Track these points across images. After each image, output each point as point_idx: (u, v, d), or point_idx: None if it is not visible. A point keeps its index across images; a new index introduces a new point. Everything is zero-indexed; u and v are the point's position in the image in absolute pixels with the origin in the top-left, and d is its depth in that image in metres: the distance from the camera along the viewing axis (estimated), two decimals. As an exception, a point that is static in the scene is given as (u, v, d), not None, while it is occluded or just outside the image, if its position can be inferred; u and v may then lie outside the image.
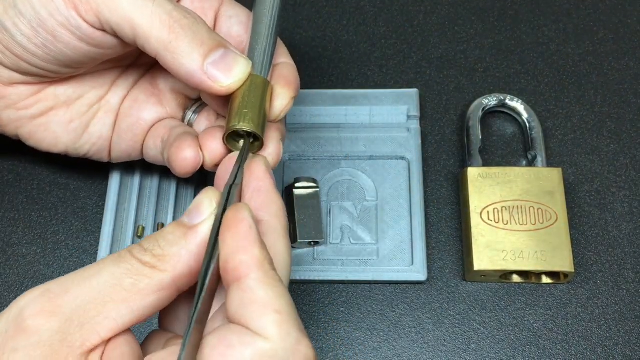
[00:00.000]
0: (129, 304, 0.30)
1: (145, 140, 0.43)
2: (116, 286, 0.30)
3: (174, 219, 0.47)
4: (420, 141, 0.50)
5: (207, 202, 0.32)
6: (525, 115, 0.50)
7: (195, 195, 0.35)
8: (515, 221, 0.46)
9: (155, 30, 0.36)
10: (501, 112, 0.52)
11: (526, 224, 0.45)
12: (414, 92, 0.51)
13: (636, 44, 0.54)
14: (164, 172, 0.49)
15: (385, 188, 0.48)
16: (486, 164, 0.50)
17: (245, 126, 0.36)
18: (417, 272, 0.46)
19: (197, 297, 0.29)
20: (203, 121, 0.43)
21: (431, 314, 0.46)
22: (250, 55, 0.38)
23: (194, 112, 0.44)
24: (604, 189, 0.49)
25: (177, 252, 0.31)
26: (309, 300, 0.46)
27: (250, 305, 0.29)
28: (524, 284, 0.46)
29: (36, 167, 0.50)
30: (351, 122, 0.50)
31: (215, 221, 0.31)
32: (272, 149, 0.38)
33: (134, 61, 0.44)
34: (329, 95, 0.51)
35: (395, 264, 0.46)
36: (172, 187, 0.48)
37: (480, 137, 0.49)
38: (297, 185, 0.47)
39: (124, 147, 0.44)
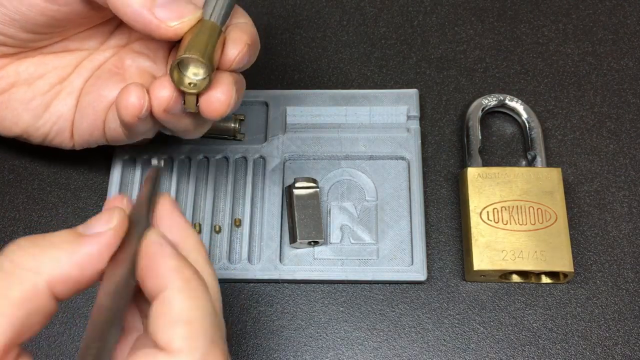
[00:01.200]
0: (4, 316, 0.27)
1: (107, 115, 0.42)
2: None
3: (174, 218, 0.47)
4: (420, 141, 0.50)
5: (108, 216, 0.30)
6: (524, 116, 0.51)
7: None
8: (514, 221, 0.46)
9: None
10: (501, 112, 0.52)
11: (526, 224, 0.46)
12: (413, 92, 0.51)
13: (635, 44, 0.54)
14: (164, 173, 0.49)
15: (385, 188, 0.49)
16: (486, 164, 0.50)
17: (191, 54, 0.35)
18: (417, 272, 0.46)
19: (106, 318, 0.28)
20: None
21: (431, 313, 0.46)
22: (205, 5, 0.38)
23: None
24: (603, 189, 0.49)
25: (56, 256, 0.29)
26: (309, 300, 0.46)
27: (160, 318, 0.28)
28: (523, 284, 0.46)
29: (37, 167, 0.50)
30: (351, 122, 0.51)
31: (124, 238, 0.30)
32: (223, 92, 0.37)
33: (101, 46, 0.44)
34: (328, 95, 0.51)
35: (395, 264, 0.46)
36: (173, 188, 0.48)
37: (480, 137, 0.49)
38: (297, 185, 0.47)
39: (84, 127, 0.43)
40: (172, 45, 0.41)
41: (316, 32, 0.56)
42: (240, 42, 0.38)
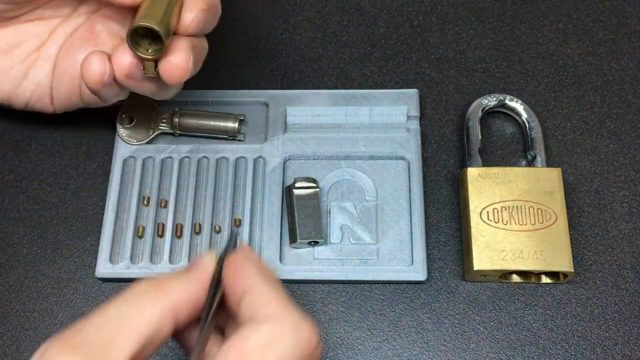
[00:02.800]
0: (138, 330, 0.31)
1: (82, 81, 0.43)
2: (126, 314, 0.31)
3: (174, 219, 0.47)
4: (420, 141, 0.50)
5: (206, 257, 0.34)
6: (524, 116, 0.51)
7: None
8: (514, 221, 0.46)
9: None
10: (501, 112, 0.52)
11: (526, 224, 0.46)
12: (413, 92, 0.51)
13: (635, 44, 0.54)
14: (164, 173, 0.49)
15: (385, 188, 0.49)
16: (486, 164, 0.50)
17: (145, 22, 0.37)
18: (417, 272, 0.46)
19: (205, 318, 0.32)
20: None
21: (431, 313, 0.46)
22: None
23: None
24: (603, 189, 0.49)
25: (178, 285, 0.32)
26: (309, 300, 0.46)
27: (255, 301, 0.31)
28: (523, 284, 0.46)
29: (37, 167, 0.50)
30: (351, 122, 0.51)
31: (217, 265, 0.34)
32: (179, 56, 0.39)
33: (73, 12, 0.45)
34: (328, 95, 0.51)
35: (395, 264, 0.46)
36: (173, 188, 0.48)
37: (480, 137, 0.49)
38: (297, 185, 0.47)
39: (62, 92, 0.45)
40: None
41: (316, 32, 0.56)
42: (195, 7, 0.39)
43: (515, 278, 0.46)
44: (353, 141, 0.50)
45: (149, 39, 0.39)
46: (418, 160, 0.49)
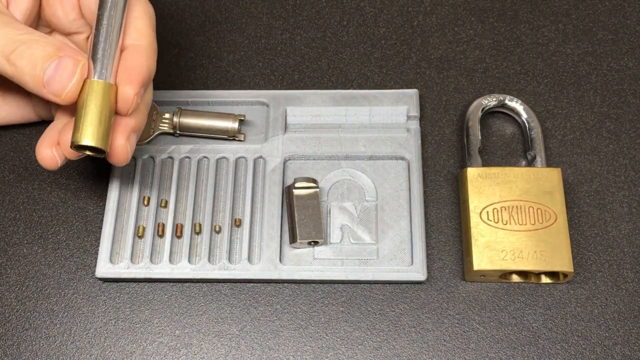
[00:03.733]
0: None
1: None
2: None
3: (174, 219, 0.47)
4: (420, 141, 0.50)
5: None
6: (524, 116, 0.51)
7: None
8: (514, 221, 0.46)
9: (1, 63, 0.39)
10: (500, 112, 0.52)
11: (525, 224, 0.46)
12: (413, 92, 0.51)
13: (635, 44, 0.54)
14: (164, 173, 0.49)
15: (385, 188, 0.49)
16: (486, 164, 0.50)
17: (87, 142, 0.38)
18: (417, 272, 0.46)
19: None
20: None
21: (431, 313, 0.46)
22: (92, 55, 0.40)
23: None
24: (603, 189, 0.49)
25: None
26: (309, 300, 0.46)
27: None
28: (523, 284, 0.46)
29: (37, 167, 0.50)
30: (351, 122, 0.51)
31: None
32: (118, 153, 0.41)
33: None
34: (328, 95, 0.51)
35: (395, 264, 0.46)
36: (173, 188, 0.48)
37: (480, 137, 0.49)
38: (296, 185, 0.47)
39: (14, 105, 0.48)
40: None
41: (316, 32, 0.56)
42: (129, 94, 0.40)
43: (515, 278, 0.46)
44: (353, 141, 0.50)
45: (89, 150, 0.40)
46: (418, 161, 0.49)
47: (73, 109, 0.41)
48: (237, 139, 0.50)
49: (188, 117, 0.49)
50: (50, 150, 0.42)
